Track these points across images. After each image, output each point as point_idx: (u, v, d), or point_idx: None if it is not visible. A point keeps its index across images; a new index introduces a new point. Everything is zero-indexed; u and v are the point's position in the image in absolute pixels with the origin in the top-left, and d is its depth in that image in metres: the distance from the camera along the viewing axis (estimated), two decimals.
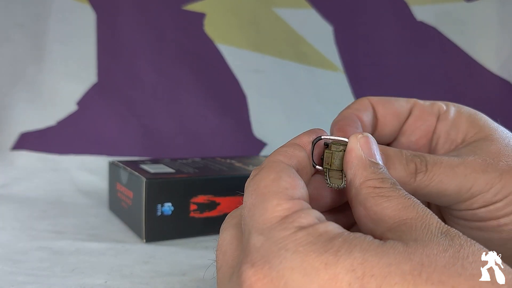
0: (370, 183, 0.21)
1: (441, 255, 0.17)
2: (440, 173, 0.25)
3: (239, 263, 0.20)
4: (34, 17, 0.60)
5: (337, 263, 0.17)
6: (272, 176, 0.21)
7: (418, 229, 0.18)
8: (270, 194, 0.20)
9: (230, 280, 0.20)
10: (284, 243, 0.18)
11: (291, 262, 0.17)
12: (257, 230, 0.19)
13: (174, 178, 0.42)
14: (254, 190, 0.21)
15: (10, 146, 0.60)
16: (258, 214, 0.19)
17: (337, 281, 0.16)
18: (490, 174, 0.25)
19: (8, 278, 0.32)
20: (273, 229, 0.19)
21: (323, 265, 0.17)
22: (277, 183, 0.20)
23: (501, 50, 0.64)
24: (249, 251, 0.19)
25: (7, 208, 0.49)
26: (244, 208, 0.21)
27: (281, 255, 0.18)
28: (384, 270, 0.16)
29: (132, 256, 0.37)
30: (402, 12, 0.65)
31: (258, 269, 0.18)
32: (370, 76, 0.66)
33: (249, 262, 0.18)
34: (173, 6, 0.63)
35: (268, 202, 0.20)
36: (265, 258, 0.18)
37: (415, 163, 0.25)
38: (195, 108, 0.65)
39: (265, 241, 0.18)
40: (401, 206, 0.20)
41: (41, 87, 0.61)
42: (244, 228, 0.20)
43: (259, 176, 0.21)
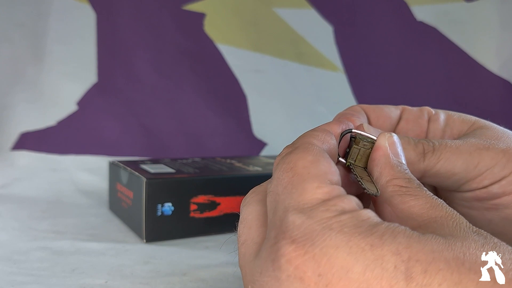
0: (396, 182, 0.21)
1: (480, 250, 0.17)
2: (446, 151, 0.25)
3: (266, 239, 0.19)
4: (34, 17, 0.60)
5: (383, 246, 0.17)
6: (310, 157, 0.21)
7: (451, 227, 0.18)
8: (310, 175, 0.20)
9: (257, 256, 0.20)
10: (328, 223, 0.18)
11: (336, 241, 0.17)
12: (296, 208, 0.19)
13: (174, 178, 0.42)
14: (290, 168, 0.20)
15: (10, 146, 0.60)
16: (297, 193, 0.19)
17: (382, 262, 0.16)
18: (493, 150, 0.26)
19: (8, 278, 0.32)
20: (315, 209, 0.18)
21: (369, 246, 0.17)
22: (317, 166, 0.20)
23: (501, 50, 0.64)
24: (286, 227, 0.18)
25: (7, 208, 0.49)
26: (278, 185, 0.20)
27: (325, 234, 0.17)
28: (428, 256, 0.16)
29: (132, 256, 0.37)
30: (402, 12, 0.65)
31: (300, 245, 0.17)
32: (370, 76, 0.67)
33: (288, 238, 0.18)
34: (173, 6, 0.63)
35: (308, 183, 0.19)
36: (308, 235, 0.18)
37: (422, 144, 0.26)
38: (195, 108, 0.65)
39: (306, 219, 0.18)
40: (429, 205, 0.20)
41: (41, 87, 0.61)
42: (275, 205, 0.20)
43: (295, 155, 0.21)
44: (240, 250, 0.21)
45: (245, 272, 0.21)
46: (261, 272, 0.19)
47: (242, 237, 0.22)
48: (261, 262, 0.19)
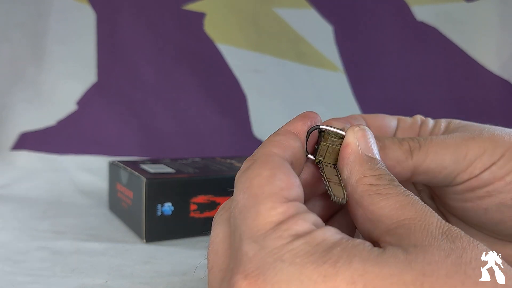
0: (366, 180, 0.21)
1: (443, 262, 0.16)
2: (433, 146, 0.25)
3: (230, 268, 0.19)
4: (34, 17, 0.60)
5: (336, 275, 0.16)
6: (266, 173, 0.20)
7: (418, 232, 0.18)
8: (264, 195, 0.19)
9: (221, 285, 0.19)
10: (279, 253, 0.17)
11: (287, 274, 0.17)
12: (249, 236, 0.18)
13: (174, 178, 0.42)
14: (246, 188, 0.20)
15: (10, 146, 0.60)
16: (251, 218, 0.19)
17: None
18: (479, 139, 0.26)
19: (8, 278, 0.32)
20: (267, 237, 0.18)
21: (321, 278, 0.16)
22: (272, 182, 0.19)
23: (501, 50, 0.64)
24: (241, 259, 0.18)
25: (7, 208, 0.49)
26: (235, 208, 0.20)
27: (276, 267, 0.17)
28: (385, 281, 0.16)
29: (132, 256, 0.37)
30: (402, 12, 0.65)
31: (252, 281, 0.17)
32: (370, 76, 0.67)
33: (242, 273, 0.17)
34: (173, 6, 0.63)
35: (262, 204, 0.19)
36: (259, 269, 0.17)
37: (408, 142, 0.26)
38: (195, 108, 0.65)
39: (258, 250, 0.18)
40: (399, 204, 0.19)
41: (41, 87, 0.61)
42: (234, 229, 0.19)
43: (251, 171, 0.20)
44: (209, 276, 0.21)
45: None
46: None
47: (209, 263, 0.21)
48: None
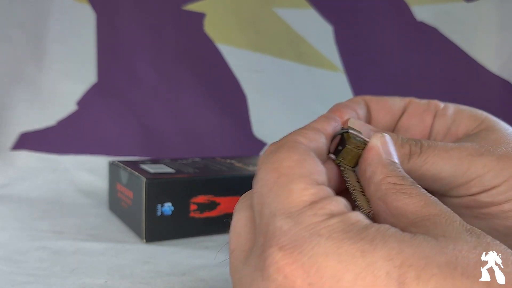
0: (390, 180, 0.21)
1: (472, 252, 0.17)
2: (434, 155, 0.24)
3: (254, 246, 0.19)
4: (34, 17, 0.60)
5: (373, 251, 0.16)
6: (296, 156, 0.20)
7: (444, 225, 0.18)
8: (296, 176, 0.19)
9: (245, 264, 0.19)
10: (316, 229, 0.17)
11: (325, 248, 0.17)
12: (283, 212, 0.18)
13: (174, 178, 0.42)
14: (275, 168, 0.20)
15: (10, 146, 0.60)
16: (284, 196, 0.19)
17: (374, 269, 0.16)
18: (487, 157, 0.24)
19: (8, 278, 0.32)
20: (302, 214, 0.18)
21: (359, 253, 0.16)
22: (302, 165, 0.20)
23: (501, 50, 0.64)
24: (273, 234, 0.18)
25: (7, 208, 0.49)
26: (263, 187, 0.20)
27: (313, 241, 0.17)
28: (421, 261, 0.16)
29: (132, 256, 0.37)
30: (402, 12, 0.65)
31: (287, 254, 0.17)
32: (370, 76, 0.66)
33: (275, 245, 0.17)
34: (173, 6, 0.63)
35: (294, 184, 0.19)
36: (296, 242, 0.17)
37: (409, 145, 0.25)
38: (195, 108, 0.65)
39: (293, 225, 0.18)
40: (423, 202, 0.20)
41: (41, 87, 0.61)
42: (261, 207, 0.19)
43: (279, 154, 0.20)
44: (230, 259, 0.21)
45: (234, 282, 0.20)
46: (251, 281, 0.18)
47: (232, 246, 0.21)
48: (250, 271, 0.18)
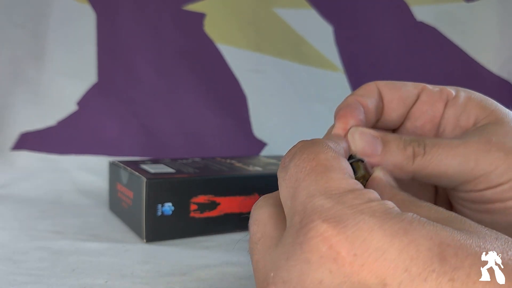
0: (399, 197, 0.22)
1: (494, 243, 0.18)
2: (439, 154, 0.24)
3: (288, 227, 0.19)
4: (34, 17, 0.60)
5: (414, 231, 0.17)
6: (331, 153, 0.21)
7: (462, 224, 0.19)
8: (334, 167, 0.20)
9: (278, 246, 0.20)
10: (359, 208, 0.18)
11: (369, 224, 0.17)
12: (323, 193, 0.19)
13: (174, 178, 0.42)
14: (313, 158, 0.20)
15: (10, 146, 0.60)
16: (323, 180, 0.19)
17: (417, 245, 0.17)
18: (494, 154, 0.24)
19: (8, 278, 0.32)
20: (343, 196, 0.19)
21: (402, 230, 0.17)
22: (337, 161, 0.21)
23: (501, 50, 0.64)
24: (314, 210, 0.18)
25: (7, 208, 0.49)
26: (298, 172, 0.20)
27: (357, 217, 0.18)
28: (456, 242, 0.17)
29: (133, 256, 0.37)
30: (402, 12, 0.65)
31: (331, 226, 0.17)
32: (370, 76, 0.66)
33: (318, 219, 0.18)
34: (173, 6, 0.63)
35: (334, 173, 0.20)
36: (339, 217, 0.18)
37: (412, 147, 0.25)
38: (195, 108, 0.65)
39: (335, 203, 0.18)
40: (434, 210, 0.20)
41: (41, 87, 0.61)
42: (294, 191, 0.20)
43: (316, 148, 0.21)
44: (257, 247, 0.21)
45: (263, 265, 0.20)
46: (287, 258, 0.18)
47: (258, 235, 0.22)
48: (286, 249, 0.19)
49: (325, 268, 0.17)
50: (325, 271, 0.17)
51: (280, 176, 0.22)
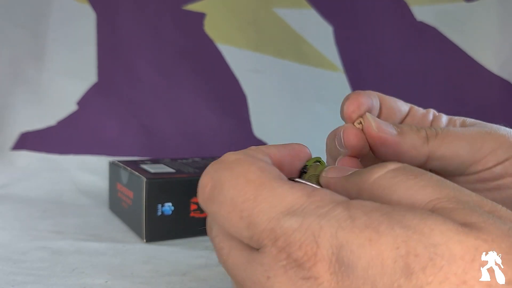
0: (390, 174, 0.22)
1: (500, 233, 0.17)
2: (449, 135, 0.27)
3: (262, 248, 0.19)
4: (34, 17, 0.60)
5: (380, 240, 0.17)
6: (254, 166, 0.21)
7: (461, 199, 0.19)
8: (272, 181, 0.20)
9: (253, 263, 0.20)
10: (326, 219, 0.18)
11: (338, 239, 0.17)
12: (286, 213, 0.19)
13: (174, 178, 0.42)
14: (246, 182, 0.20)
15: (10, 146, 0.60)
16: (276, 199, 0.19)
17: (383, 259, 0.17)
18: (495, 135, 0.27)
19: (8, 278, 0.32)
20: (307, 208, 0.19)
21: (367, 242, 0.17)
22: (268, 170, 0.20)
23: (501, 50, 0.64)
24: (284, 234, 0.18)
25: (7, 208, 0.49)
26: (243, 203, 0.20)
27: (326, 233, 0.18)
28: (429, 250, 0.16)
29: (133, 256, 0.37)
30: (402, 12, 0.65)
31: (308, 250, 0.18)
32: (370, 76, 0.67)
33: (293, 245, 0.18)
34: (173, 6, 0.63)
35: (278, 188, 0.19)
36: (311, 238, 0.18)
37: (425, 130, 0.27)
38: (195, 108, 0.65)
39: (302, 221, 0.18)
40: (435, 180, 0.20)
41: (41, 87, 0.61)
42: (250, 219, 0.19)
43: (237, 170, 0.21)
44: (229, 262, 0.21)
45: (241, 279, 0.21)
46: (268, 277, 0.19)
47: (225, 249, 0.22)
48: (265, 269, 0.19)
49: (308, 287, 0.18)
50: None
51: (210, 209, 0.21)
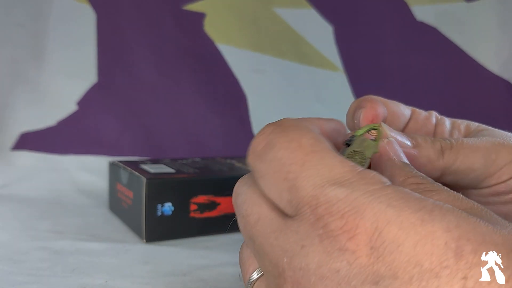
0: (412, 180, 0.21)
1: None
2: (464, 148, 0.26)
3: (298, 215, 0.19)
4: (34, 17, 0.60)
5: (433, 222, 0.17)
6: (310, 134, 0.20)
7: (485, 215, 0.18)
8: (326, 151, 0.20)
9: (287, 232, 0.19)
10: (375, 195, 0.18)
11: (386, 215, 0.17)
12: (333, 183, 0.18)
13: (174, 178, 0.42)
14: (297, 147, 0.20)
15: (10, 146, 0.60)
16: (325, 168, 0.19)
17: (433, 238, 0.17)
18: (508, 146, 0.26)
19: (8, 278, 0.32)
20: (355, 182, 0.18)
21: (419, 221, 0.17)
22: (323, 142, 0.20)
23: (501, 50, 0.64)
24: (327, 202, 0.18)
25: (7, 208, 0.49)
26: (291, 165, 0.20)
27: (374, 207, 0.17)
28: (478, 237, 0.17)
29: (132, 256, 0.37)
30: (402, 12, 0.65)
31: (350, 220, 0.17)
32: (370, 76, 0.66)
33: (336, 214, 0.18)
34: (173, 6, 0.63)
35: (330, 159, 0.19)
36: (356, 208, 0.18)
37: (440, 142, 0.26)
38: (195, 108, 0.65)
39: (350, 192, 0.18)
40: (452, 197, 0.20)
41: (41, 87, 0.61)
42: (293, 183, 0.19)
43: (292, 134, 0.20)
44: (256, 228, 0.21)
45: (270, 249, 0.20)
46: (302, 246, 0.19)
47: (254, 216, 0.21)
48: (300, 237, 0.19)
49: (343, 259, 0.17)
50: (343, 262, 0.17)
51: (259, 169, 0.21)
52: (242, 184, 0.23)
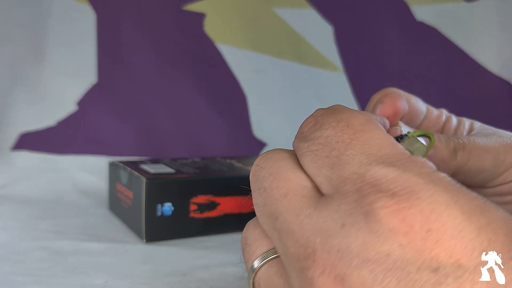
0: None
1: None
2: (476, 149, 0.26)
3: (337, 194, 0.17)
4: (34, 17, 0.60)
5: (491, 212, 0.16)
6: (361, 115, 0.19)
7: None
8: (376, 131, 0.19)
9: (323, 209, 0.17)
10: (430, 177, 0.17)
11: (445, 197, 0.16)
12: (383, 162, 0.17)
13: (174, 178, 0.42)
14: (346, 126, 0.19)
15: (10, 146, 0.60)
16: (373, 147, 0.18)
17: (494, 227, 0.16)
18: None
19: (8, 278, 0.32)
20: (406, 164, 0.17)
21: (479, 209, 0.16)
22: (374, 123, 0.19)
23: (502, 50, 0.64)
24: (376, 180, 0.17)
25: (7, 208, 0.49)
26: (338, 142, 0.19)
27: (430, 189, 0.16)
28: (504, 226, 0.16)
29: (132, 256, 0.37)
30: (402, 12, 0.65)
31: (404, 198, 0.16)
32: (370, 76, 0.66)
33: (386, 191, 0.16)
34: (173, 6, 0.63)
35: (381, 140, 0.18)
36: (410, 188, 0.16)
37: (453, 142, 0.26)
38: (195, 108, 0.65)
39: (402, 172, 0.17)
40: None
41: (41, 87, 0.61)
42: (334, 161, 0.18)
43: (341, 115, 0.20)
44: (284, 204, 0.19)
45: (299, 228, 0.18)
46: (343, 224, 0.17)
47: (281, 190, 0.19)
48: (339, 215, 0.17)
49: (394, 241, 0.16)
50: (394, 244, 0.16)
51: (302, 147, 0.20)
52: (267, 158, 0.21)
